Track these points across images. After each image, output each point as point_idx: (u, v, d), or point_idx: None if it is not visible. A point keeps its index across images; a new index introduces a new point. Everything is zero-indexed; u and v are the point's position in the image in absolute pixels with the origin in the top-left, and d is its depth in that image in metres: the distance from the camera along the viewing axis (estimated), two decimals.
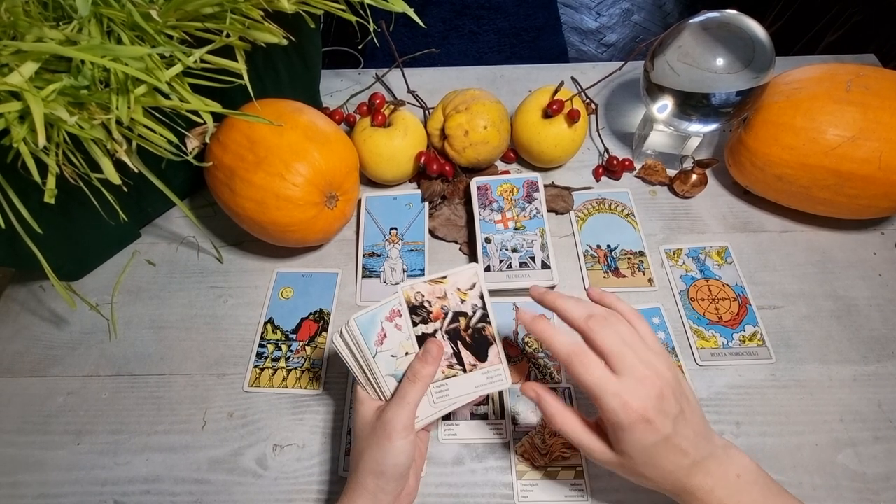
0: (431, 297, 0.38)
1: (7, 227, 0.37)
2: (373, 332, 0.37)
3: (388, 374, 0.37)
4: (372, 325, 0.37)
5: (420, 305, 0.38)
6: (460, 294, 0.38)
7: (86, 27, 0.34)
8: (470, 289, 0.38)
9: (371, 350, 0.37)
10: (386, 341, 0.37)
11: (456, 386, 0.38)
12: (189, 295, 0.52)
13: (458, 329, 0.38)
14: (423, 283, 0.38)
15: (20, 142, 0.33)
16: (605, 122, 0.65)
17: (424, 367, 0.36)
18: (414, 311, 0.38)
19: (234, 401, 0.46)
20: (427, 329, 0.38)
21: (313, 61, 0.58)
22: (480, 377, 0.38)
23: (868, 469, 0.41)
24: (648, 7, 1.94)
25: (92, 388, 0.47)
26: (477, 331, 0.38)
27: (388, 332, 0.37)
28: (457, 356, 0.38)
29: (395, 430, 0.34)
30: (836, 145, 0.47)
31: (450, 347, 0.38)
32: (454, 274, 0.38)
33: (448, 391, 0.38)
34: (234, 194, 0.46)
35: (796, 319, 0.49)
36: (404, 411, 0.34)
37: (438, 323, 0.38)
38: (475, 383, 0.38)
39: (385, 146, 0.54)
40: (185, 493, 0.42)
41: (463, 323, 0.38)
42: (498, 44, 1.79)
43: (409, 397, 0.35)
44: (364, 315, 0.37)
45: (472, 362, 0.38)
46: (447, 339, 0.38)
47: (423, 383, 0.35)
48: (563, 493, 0.41)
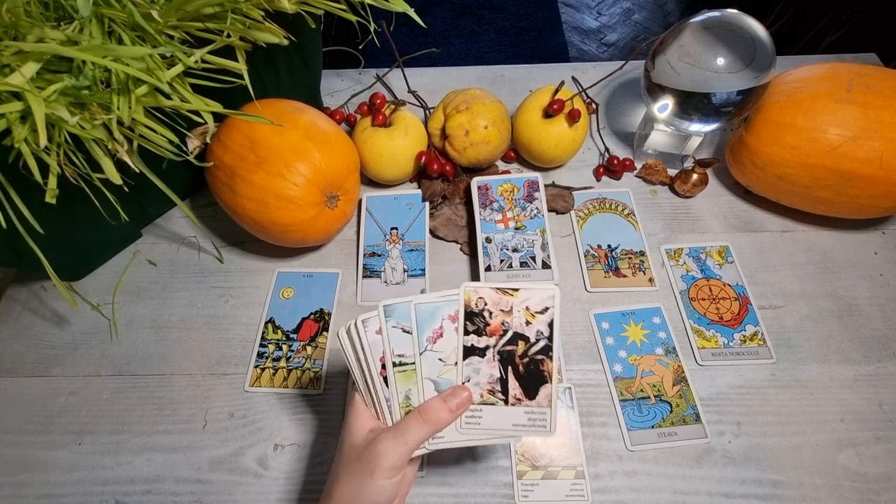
0: (494, 308, 0.33)
1: (8, 227, 0.37)
2: (430, 326, 0.33)
3: (428, 379, 0.33)
4: (433, 319, 0.33)
5: (479, 313, 0.33)
6: (528, 314, 0.33)
7: (87, 27, 0.34)
8: (541, 312, 0.33)
9: (420, 345, 0.33)
10: (440, 342, 0.33)
11: (491, 417, 0.33)
12: (190, 295, 0.52)
13: (513, 353, 0.33)
14: (489, 288, 0.33)
15: (21, 142, 0.33)
16: (606, 122, 0.65)
17: (442, 413, 0.31)
18: (470, 317, 0.33)
19: (235, 401, 0.46)
20: (478, 343, 0.33)
21: (314, 61, 0.58)
22: (521, 416, 0.33)
23: (869, 469, 0.41)
24: (649, 6, 1.94)
25: (93, 388, 0.47)
26: (534, 362, 0.33)
27: (446, 332, 0.33)
28: (502, 383, 0.33)
29: (381, 468, 0.30)
30: (838, 145, 0.47)
31: (498, 371, 0.33)
32: (528, 290, 0.33)
33: (480, 420, 0.33)
34: (235, 194, 0.46)
35: (797, 319, 0.49)
36: (399, 450, 0.30)
37: (493, 340, 0.33)
38: (514, 420, 0.33)
39: (386, 146, 0.54)
40: (186, 492, 0.42)
41: (521, 348, 0.33)
42: (498, 43, 1.79)
43: (411, 436, 0.30)
44: (425, 304, 0.33)
45: (517, 395, 0.33)
46: (497, 361, 0.33)
47: (432, 428, 0.31)
48: (563, 493, 0.41)
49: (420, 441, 0.31)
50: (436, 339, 0.33)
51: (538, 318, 0.33)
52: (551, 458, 0.42)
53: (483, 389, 0.33)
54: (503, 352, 0.33)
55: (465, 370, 0.33)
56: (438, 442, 0.33)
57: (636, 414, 0.44)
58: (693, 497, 0.41)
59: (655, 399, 0.45)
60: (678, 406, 0.44)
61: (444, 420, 0.31)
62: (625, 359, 0.47)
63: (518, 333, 0.33)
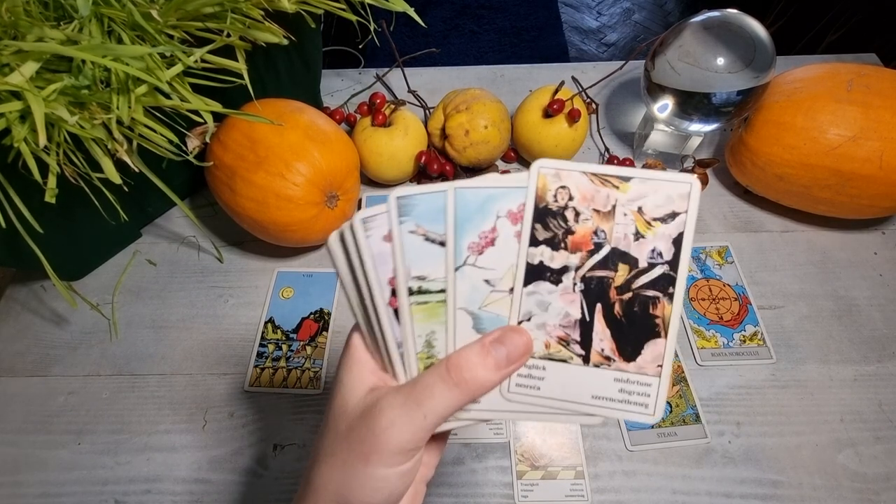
0: (584, 205, 0.21)
1: (8, 226, 0.37)
2: (476, 227, 0.21)
3: (465, 310, 0.22)
4: (481, 215, 0.21)
5: (558, 213, 0.21)
6: (640, 221, 0.21)
7: (86, 27, 0.34)
8: (663, 220, 0.21)
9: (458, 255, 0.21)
10: (490, 254, 0.21)
11: (558, 380, 0.22)
12: (190, 295, 0.52)
13: (606, 282, 0.21)
14: (580, 172, 0.21)
15: (21, 141, 0.33)
16: (606, 122, 0.65)
17: (481, 370, 0.20)
18: (543, 217, 0.21)
19: (235, 400, 0.46)
20: (552, 260, 0.21)
21: (314, 61, 0.58)
22: (610, 384, 0.21)
23: (868, 469, 0.41)
24: (649, 6, 1.94)
25: (93, 387, 0.47)
26: (641, 301, 0.21)
27: (500, 239, 0.21)
28: (583, 329, 0.21)
29: (382, 450, 0.20)
30: (837, 145, 0.47)
31: (579, 308, 0.21)
32: (648, 180, 0.21)
33: (541, 383, 0.22)
34: (235, 194, 0.46)
35: (797, 319, 0.49)
36: (412, 424, 0.20)
37: (576, 257, 0.21)
38: (595, 390, 0.21)
39: (385, 146, 0.54)
40: (185, 492, 0.42)
41: (621, 276, 0.21)
42: (498, 43, 1.79)
43: (431, 404, 0.20)
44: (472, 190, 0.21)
45: (605, 350, 0.21)
46: (579, 293, 0.21)
47: (464, 394, 0.20)
48: (563, 493, 0.41)
49: (445, 413, 0.20)
50: (483, 248, 0.21)
51: (657, 230, 0.21)
52: (551, 458, 0.42)
53: (551, 336, 0.22)
54: (591, 279, 0.21)
55: (525, 301, 0.22)
56: (473, 409, 0.22)
57: None
58: (693, 497, 0.41)
59: None
60: (678, 406, 0.44)
61: (483, 380, 0.20)
62: None
63: (619, 251, 0.21)
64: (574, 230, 0.21)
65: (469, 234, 0.21)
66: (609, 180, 0.21)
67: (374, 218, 0.21)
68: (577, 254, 0.21)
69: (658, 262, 0.21)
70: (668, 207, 0.21)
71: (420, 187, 0.21)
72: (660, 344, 0.21)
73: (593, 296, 0.21)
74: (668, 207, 0.21)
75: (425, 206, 0.21)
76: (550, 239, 0.21)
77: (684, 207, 0.20)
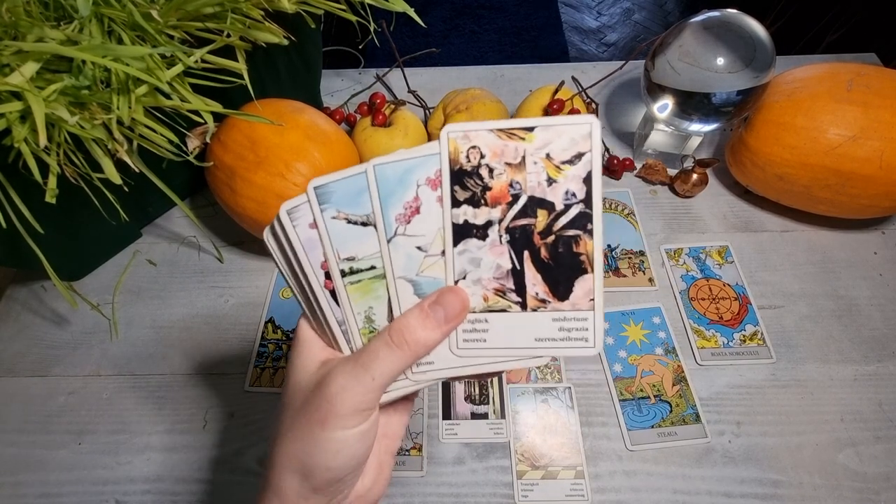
0: (497, 162, 0.22)
1: (8, 226, 0.37)
2: (399, 196, 0.22)
3: (404, 279, 0.23)
4: (402, 186, 0.22)
5: (473, 172, 0.22)
6: (550, 167, 0.22)
7: (87, 27, 0.34)
8: (569, 162, 0.22)
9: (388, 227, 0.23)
10: (417, 220, 0.23)
11: (502, 329, 0.23)
12: (190, 295, 0.52)
13: (530, 230, 0.22)
14: (487, 131, 0.22)
15: (21, 142, 0.33)
16: (606, 122, 0.65)
17: (421, 330, 0.22)
18: (460, 178, 0.22)
19: (235, 400, 0.46)
20: (475, 217, 0.22)
21: (314, 61, 0.58)
22: (549, 325, 0.22)
23: (869, 469, 0.41)
24: (649, 6, 1.94)
25: (93, 387, 0.47)
26: (565, 242, 0.22)
27: (424, 205, 0.22)
28: (516, 277, 0.22)
29: (337, 413, 0.21)
30: (837, 145, 0.47)
31: (508, 259, 0.22)
32: (550, 126, 0.22)
33: (486, 336, 0.23)
34: (235, 194, 0.46)
35: (797, 319, 0.49)
36: (361, 385, 0.21)
37: (497, 211, 0.22)
38: (537, 332, 0.23)
39: (385, 146, 0.54)
40: (186, 492, 0.42)
41: (541, 221, 0.22)
42: (498, 43, 1.79)
43: (378, 366, 0.21)
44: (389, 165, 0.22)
45: (539, 294, 0.22)
46: (507, 244, 0.22)
47: (409, 354, 0.21)
48: (563, 493, 0.41)
49: (392, 373, 0.21)
50: (409, 217, 0.22)
51: (567, 172, 0.22)
52: (551, 458, 0.42)
53: (487, 289, 0.23)
54: (514, 229, 0.22)
55: (457, 261, 0.23)
56: (427, 370, 0.23)
57: (636, 414, 0.44)
58: (693, 497, 0.41)
59: (655, 399, 0.45)
60: (678, 406, 0.44)
61: (425, 340, 0.22)
62: (625, 359, 0.47)
63: (536, 198, 0.22)
64: (491, 186, 0.22)
65: (394, 206, 0.22)
66: (515, 133, 0.22)
67: (297, 208, 0.23)
68: (497, 207, 0.22)
69: (573, 202, 0.22)
70: (574, 150, 0.21)
71: (336, 173, 0.23)
72: (588, 279, 0.22)
73: (519, 244, 0.22)
74: (573, 150, 0.21)
75: (343, 191, 0.23)
76: (470, 198, 0.22)
77: (588, 147, 0.21)
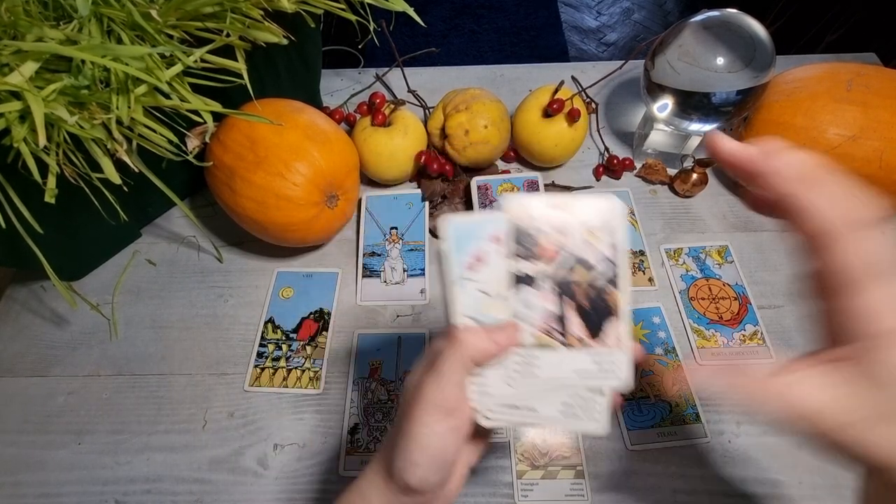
0: (546, 225, 0.27)
1: (8, 227, 0.37)
2: (467, 248, 0.27)
3: (468, 317, 0.27)
4: (470, 238, 0.27)
5: (528, 232, 0.27)
6: (588, 234, 0.27)
7: (86, 27, 0.34)
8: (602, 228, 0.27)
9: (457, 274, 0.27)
10: (481, 268, 0.27)
11: (549, 364, 0.27)
12: (189, 295, 0.52)
13: (571, 282, 0.27)
14: (538, 201, 0.27)
15: (21, 142, 0.33)
16: (606, 122, 0.65)
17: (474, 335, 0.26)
18: (518, 237, 0.27)
19: (235, 400, 0.46)
20: (528, 269, 0.27)
21: (313, 61, 0.58)
22: (586, 361, 0.27)
23: None
24: (649, 6, 1.94)
25: (93, 387, 0.47)
26: (598, 292, 0.27)
27: (487, 256, 0.27)
28: (560, 320, 0.27)
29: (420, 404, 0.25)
30: (837, 144, 0.47)
31: (555, 305, 0.27)
32: (585, 204, 0.27)
33: (538, 368, 0.27)
34: (235, 194, 0.46)
35: (797, 319, 0.49)
36: (435, 382, 0.25)
37: (547, 266, 0.27)
38: (576, 367, 0.27)
39: (385, 146, 0.54)
40: (185, 492, 0.42)
41: (580, 275, 0.27)
42: (498, 43, 1.79)
43: (443, 364, 0.25)
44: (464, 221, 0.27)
45: (578, 334, 0.27)
46: (553, 293, 0.27)
47: (462, 349, 0.25)
48: (563, 493, 0.41)
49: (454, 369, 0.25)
50: (475, 264, 0.27)
51: (600, 239, 0.27)
52: (551, 458, 0.42)
53: (537, 328, 0.27)
54: (561, 281, 0.27)
55: (513, 304, 0.27)
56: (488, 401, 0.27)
57: (636, 414, 0.44)
58: (693, 497, 0.41)
59: (655, 399, 0.45)
60: (678, 406, 0.44)
61: (477, 343, 0.26)
62: None
63: (576, 257, 0.27)
64: (542, 244, 0.27)
65: (462, 254, 0.27)
66: (559, 206, 0.27)
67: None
68: (546, 262, 0.27)
69: (604, 260, 0.27)
70: (604, 220, 0.27)
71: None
72: (615, 322, 0.27)
73: (564, 293, 0.27)
74: (604, 220, 0.27)
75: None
76: (526, 253, 0.27)
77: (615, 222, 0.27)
